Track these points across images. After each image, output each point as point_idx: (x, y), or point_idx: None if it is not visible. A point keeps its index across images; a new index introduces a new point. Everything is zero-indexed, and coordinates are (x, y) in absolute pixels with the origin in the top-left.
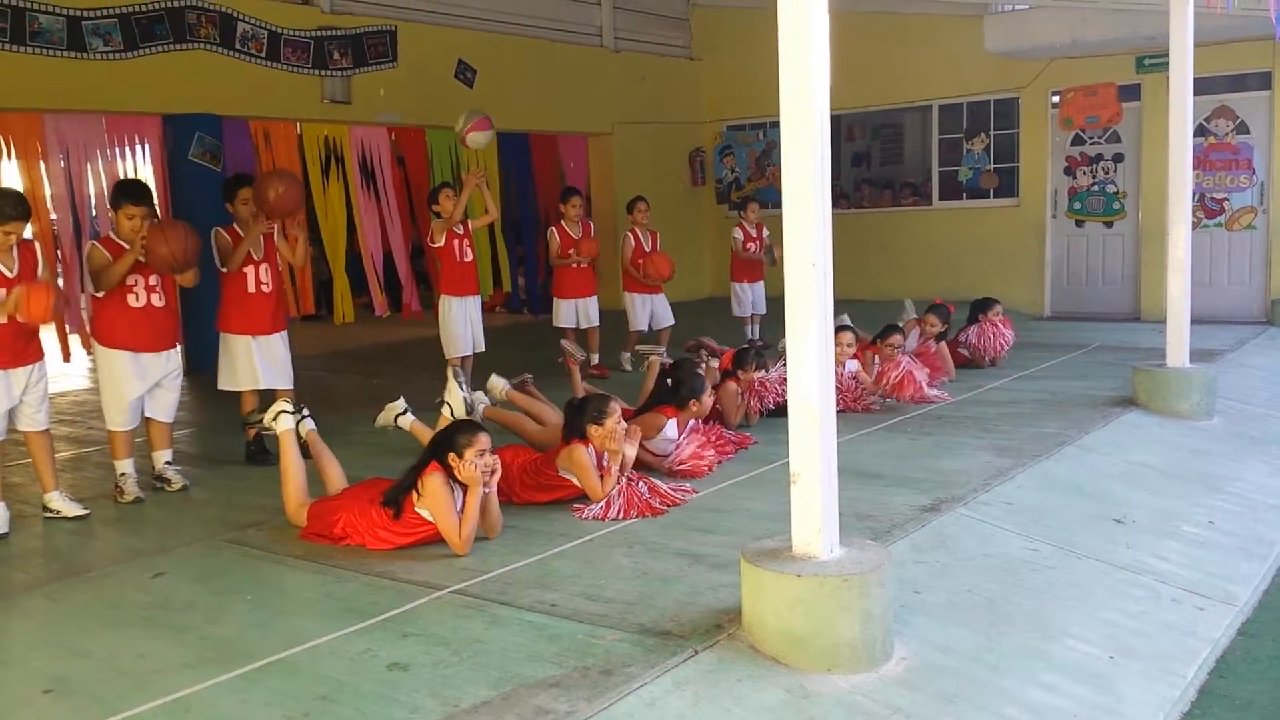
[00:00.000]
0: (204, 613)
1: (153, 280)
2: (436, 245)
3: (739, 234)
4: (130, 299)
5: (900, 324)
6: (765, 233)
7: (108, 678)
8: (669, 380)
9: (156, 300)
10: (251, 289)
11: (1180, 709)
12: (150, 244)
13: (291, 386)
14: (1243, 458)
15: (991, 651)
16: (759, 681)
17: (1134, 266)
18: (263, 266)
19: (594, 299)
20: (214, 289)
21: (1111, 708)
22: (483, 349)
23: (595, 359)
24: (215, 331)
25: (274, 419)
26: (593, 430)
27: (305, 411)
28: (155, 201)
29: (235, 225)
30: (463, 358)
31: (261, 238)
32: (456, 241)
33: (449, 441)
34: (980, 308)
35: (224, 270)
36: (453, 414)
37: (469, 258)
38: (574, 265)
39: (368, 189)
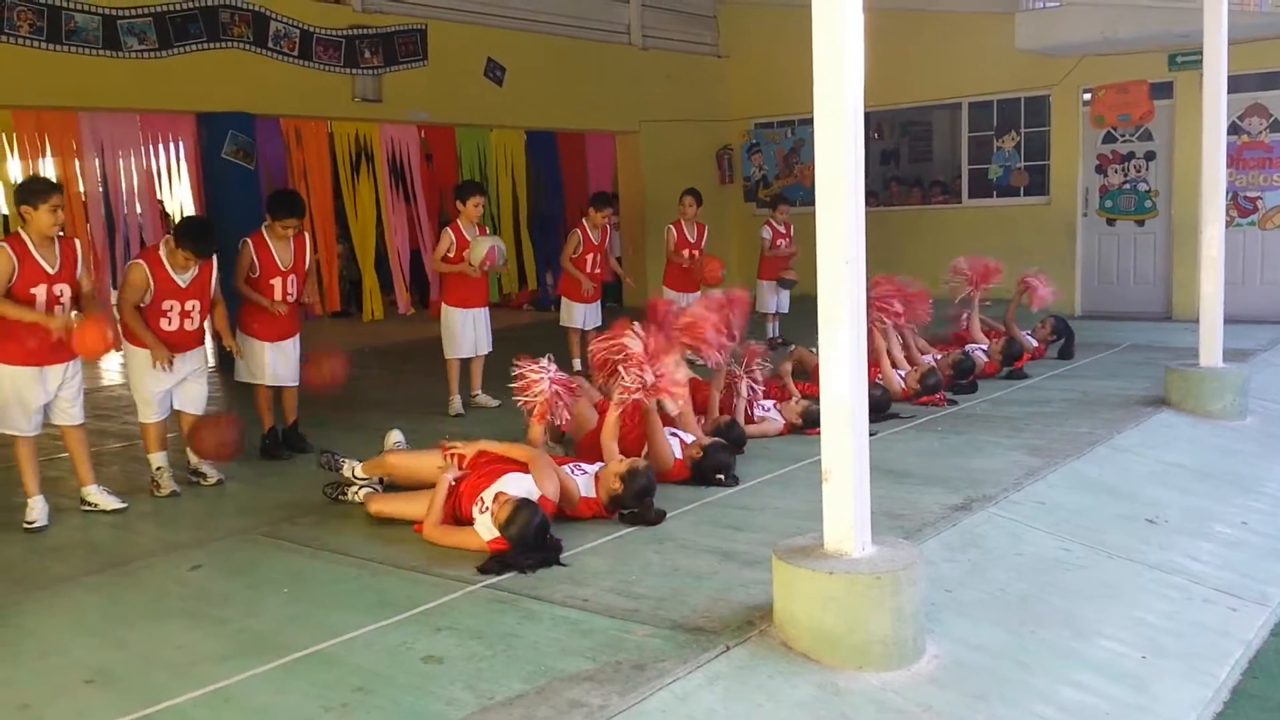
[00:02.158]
0: (241, 605)
1: (189, 306)
2: (444, 255)
3: (767, 232)
4: (163, 323)
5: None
6: (792, 231)
7: (148, 668)
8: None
9: (189, 325)
10: (277, 297)
11: (1213, 709)
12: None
13: (296, 384)
14: (1276, 458)
15: (1023, 650)
16: (790, 678)
17: (1166, 265)
18: (289, 278)
19: (597, 304)
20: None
21: (1144, 707)
22: (488, 350)
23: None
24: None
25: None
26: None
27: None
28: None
29: (266, 235)
30: (468, 360)
31: (291, 246)
32: (467, 252)
33: None
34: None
35: (243, 285)
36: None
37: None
38: (583, 284)
39: (396, 187)
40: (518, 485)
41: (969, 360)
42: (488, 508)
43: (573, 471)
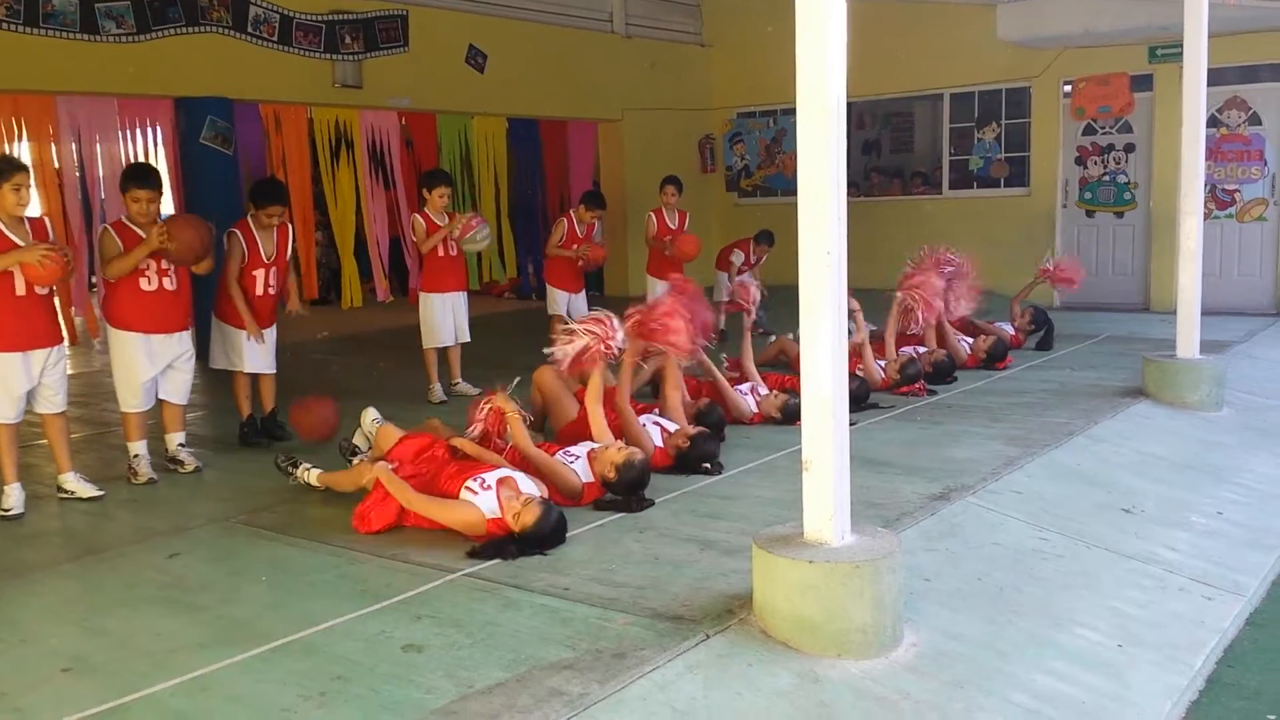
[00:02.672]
0: (219, 593)
1: (165, 264)
2: (416, 239)
3: (739, 257)
4: (142, 282)
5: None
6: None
7: (126, 656)
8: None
9: (168, 284)
10: (259, 291)
11: (1188, 697)
12: (174, 232)
13: (274, 372)
14: (1252, 449)
15: (1001, 639)
16: (770, 666)
17: (1144, 257)
18: (271, 270)
19: (582, 294)
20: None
21: (1120, 695)
22: (467, 339)
23: None
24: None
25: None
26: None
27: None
28: (164, 185)
29: (251, 225)
30: (446, 348)
31: (275, 237)
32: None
33: None
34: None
35: (234, 282)
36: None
37: (455, 252)
38: (573, 258)
39: (376, 174)
40: (526, 481)
41: (950, 362)
42: (490, 486)
43: (564, 458)
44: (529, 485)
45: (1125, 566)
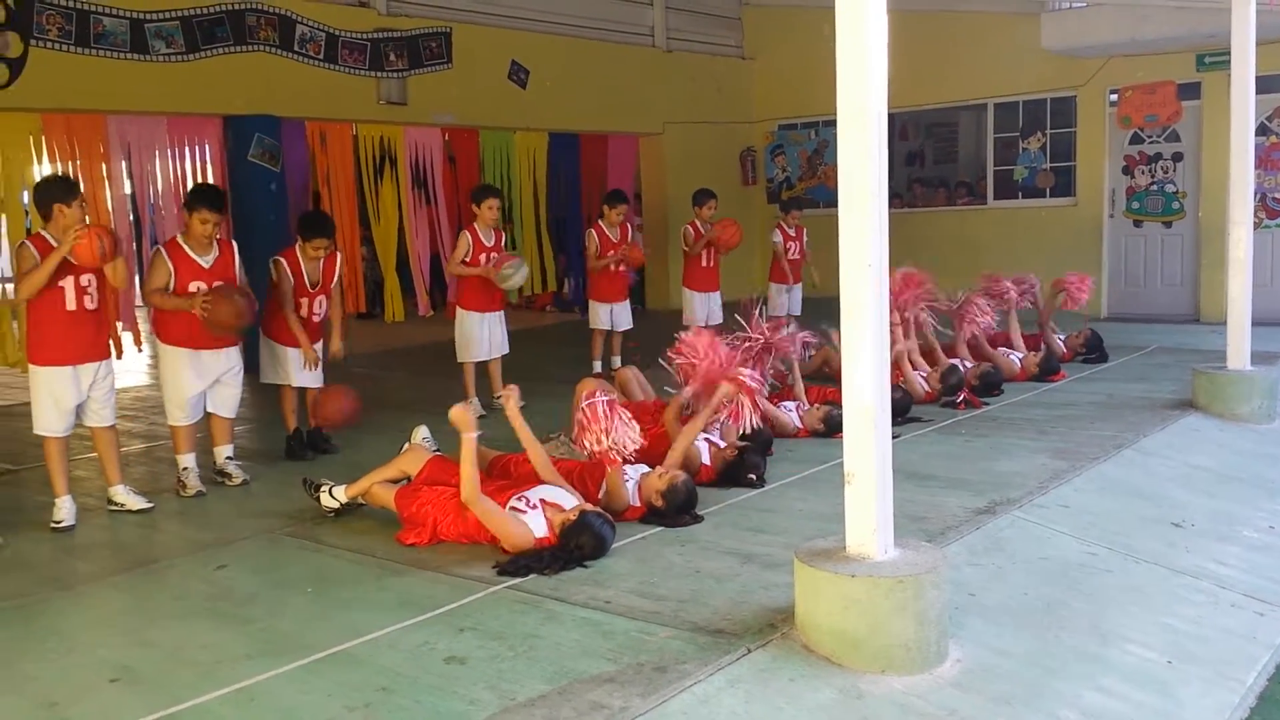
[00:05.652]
0: (265, 604)
1: (216, 285)
2: (461, 259)
3: (778, 237)
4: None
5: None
6: (805, 236)
7: (173, 667)
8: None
9: None
10: (304, 314)
11: (1240, 715)
12: (214, 308)
13: (320, 385)
14: None
15: (1048, 655)
16: (812, 681)
17: (1193, 267)
18: (319, 298)
19: (626, 303)
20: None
21: (1170, 712)
22: (505, 352)
23: (617, 361)
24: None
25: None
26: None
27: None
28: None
29: (298, 254)
30: (486, 362)
31: (321, 266)
32: (484, 255)
33: None
34: None
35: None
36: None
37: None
38: (611, 269)
39: (418, 191)
40: (567, 497)
41: (996, 375)
42: (535, 505)
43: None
44: (569, 499)
45: (1175, 582)
